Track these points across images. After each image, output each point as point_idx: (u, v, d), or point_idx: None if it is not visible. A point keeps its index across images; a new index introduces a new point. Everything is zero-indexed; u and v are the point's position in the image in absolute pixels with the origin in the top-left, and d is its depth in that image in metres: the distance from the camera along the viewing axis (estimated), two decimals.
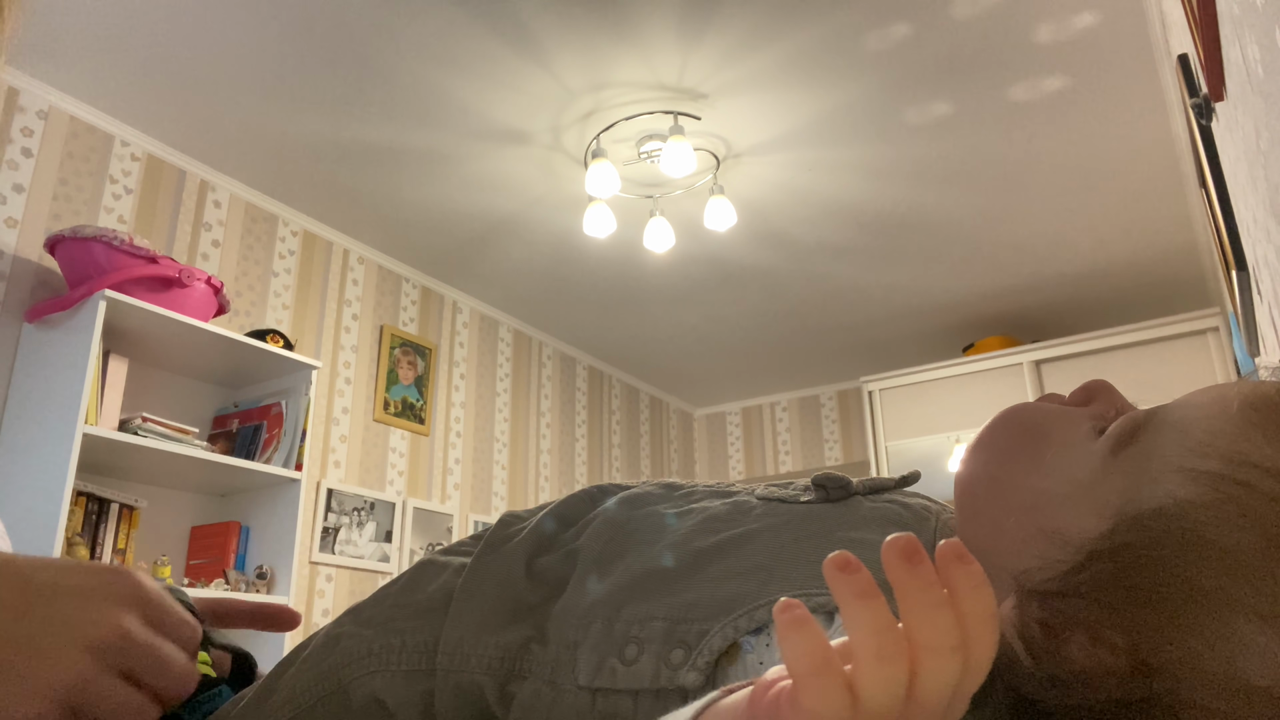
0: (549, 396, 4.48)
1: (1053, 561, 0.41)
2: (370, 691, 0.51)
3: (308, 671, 0.53)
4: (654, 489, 0.58)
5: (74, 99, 2.70)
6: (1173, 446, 0.41)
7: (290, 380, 2.90)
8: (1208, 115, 1.42)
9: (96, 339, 2.34)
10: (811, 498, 0.53)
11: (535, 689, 0.47)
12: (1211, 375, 3.69)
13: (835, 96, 2.77)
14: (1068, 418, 0.47)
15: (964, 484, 0.48)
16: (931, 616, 0.25)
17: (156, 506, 2.75)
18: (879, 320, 4.43)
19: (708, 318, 4.34)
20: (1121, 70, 2.68)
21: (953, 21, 2.46)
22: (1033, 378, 4.07)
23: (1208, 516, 0.38)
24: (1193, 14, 1.23)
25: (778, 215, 3.43)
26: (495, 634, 0.50)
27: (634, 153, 3.03)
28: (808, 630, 0.24)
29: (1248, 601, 0.36)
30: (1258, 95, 0.94)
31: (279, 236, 3.29)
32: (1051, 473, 0.44)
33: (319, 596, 3.13)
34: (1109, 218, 3.54)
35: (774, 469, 5.39)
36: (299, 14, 2.37)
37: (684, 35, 2.49)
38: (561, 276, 3.89)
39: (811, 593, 0.43)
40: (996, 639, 0.26)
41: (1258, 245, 1.25)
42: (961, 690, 0.26)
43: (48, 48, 2.48)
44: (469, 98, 2.72)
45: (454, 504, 3.77)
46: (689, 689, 0.43)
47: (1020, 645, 0.41)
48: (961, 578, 0.26)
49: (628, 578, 0.49)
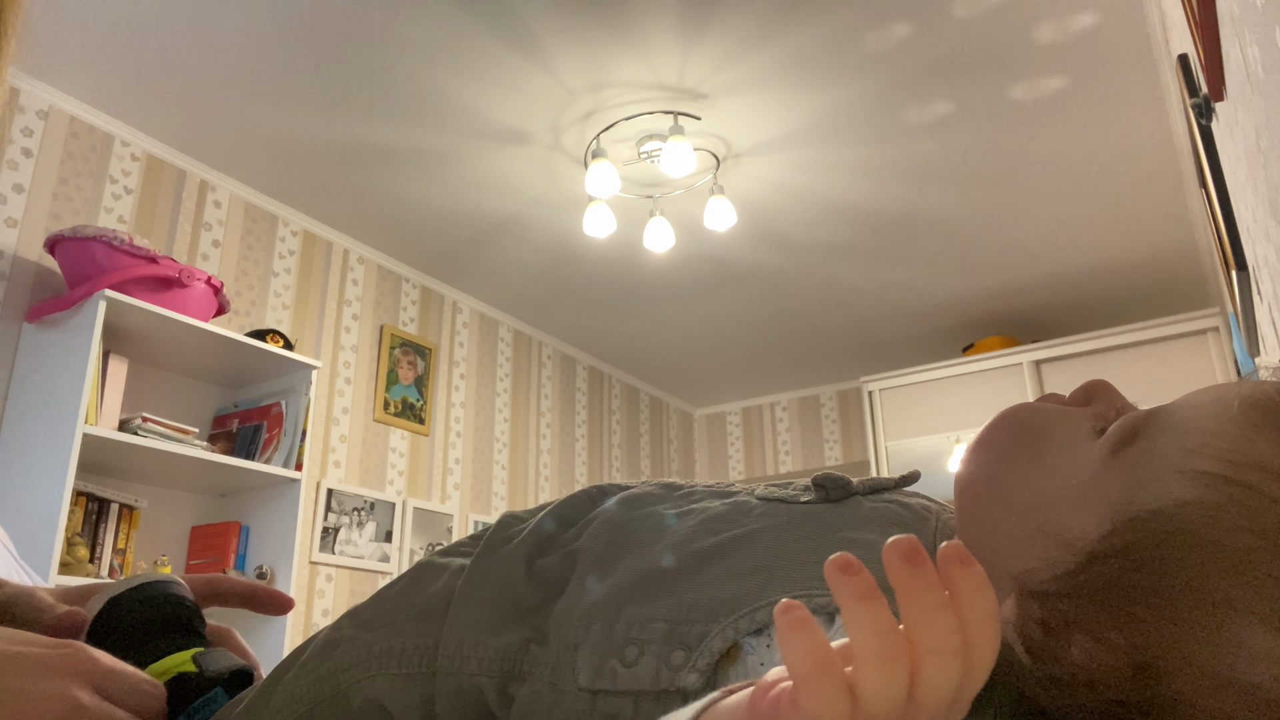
0: (549, 396, 4.48)
1: (1053, 562, 0.41)
2: (370, 695, 0.51)
3: (306, 675, 0.53)
4: (654, 489, 0.58)
5: (74, 99, 2.69)
6: (1173, 447, 0.41)
7: (290, 380, 2.90)
8: (1208, 115, 1.42)
9: (96, 339, 2.34)
10: (812, 498, 0.53)
11: (535, 690, 0.47)
12: (1211, 375, 3.69)
13: (835, 96, 2.77)
14: (1068, 418, 0.47)
15: (964, 484, 0.48)
16: (933, 618, 0.25)
17: (156, 506, 2.75)
18: (879, 320, 4.43)
19: (708, 318, 4.33)
20: (1121, 70, 2.68)
21: (953, 21, 2.46)
22: (1033, 378, 4.07)
23: (1208, 517, 0.38)
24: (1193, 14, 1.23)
25: (778, 215, 3.43)
26: (495, 636, 0.50)
27: (634, 153, 3.03)
28: (808, 632, 0.24)
29: (1249, 602, 0.36)
30: (1258, 95, 0.94)
31: (279, 236, 3.29)
32: (1052, 473, 0.44)
33: (319, 596, 3.13)
34: (1109, 218, 3.54)
35: (774, 469, 5.39)
36: (299, 14, 2.37)
37: (684, 35, 2.49)
38: (561, 276, 3.89)
39: (812, 594, 0.43)
40: (998, 641, 0.26)
41: (1258, 245, 1.25)
42: (963, 693, 0.26)
43: (48, 48, 2.48)
44: (469, 98, 2.72)
45: (454, 504, 3.77)
46: (689, 690, 0.43)
47: (1020, 646, 0.41)
48: (963, 580, 0.26)
49: (628, 579, 0.49)
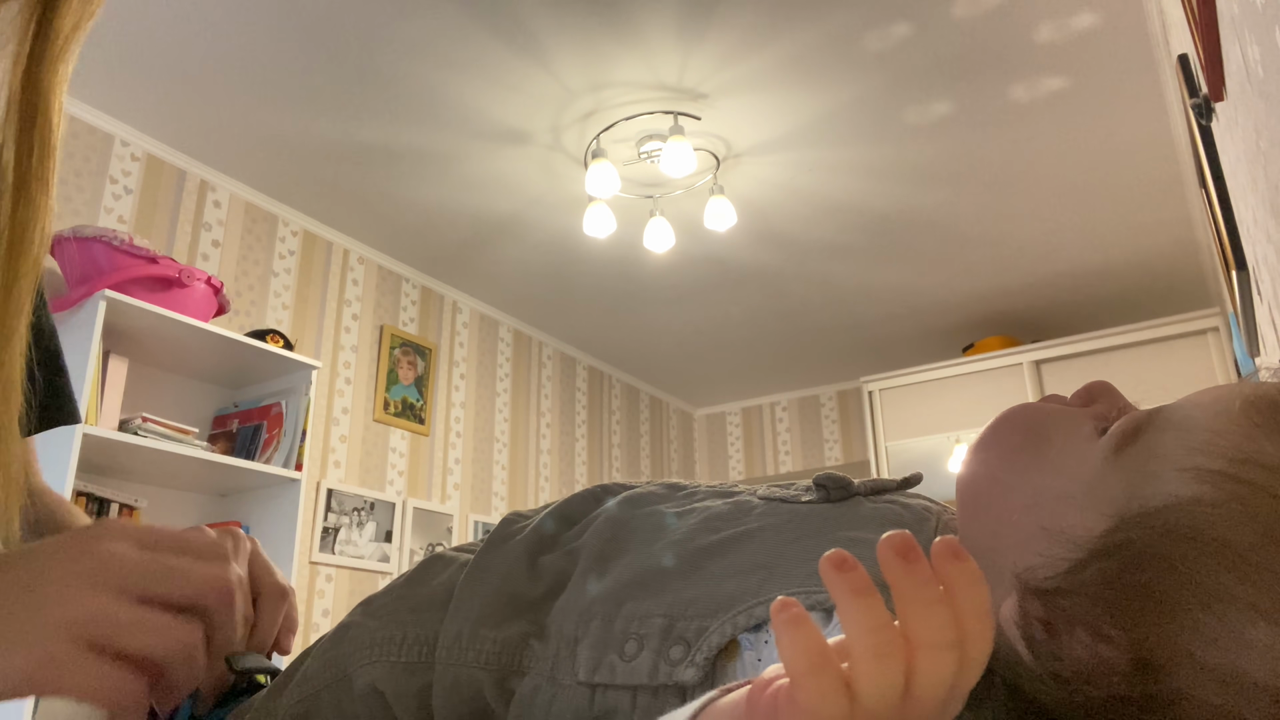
0: (549, 396, 4.49)
1: (1055, 559, 0.41)
2: (370, 681, 0.52)
3: (317, 659, 0.55)
4: (656, 489, 0.59)
5: (74, 99, 2.69)
6: (1175, 446, 0.41)
7: (290, 380, 2.90)
8: (1208, 115, 1.42)
9: (96, 339, 2.34)
10: (813, 498, 0.54)
11: (534, 684, 0.48)
12: (1211, 375, 3.69)
13: (835, 96, 2.77)
14: (1070, 418, 0.47)
15: (965, 484, 0.48)
16: (927, 613, 0.25)
17: (156, 506, 2.75)
18: (879, 320, 4.43)
19: (708, 318, 4.34)
20: (1121, 70, 2.68)
21: (953, 21, 2.46)
22: (1033, 378, 4.07)
23: (1210, 515, 0.38)
24: (1193, 14, 1.23)
25: (778, 215, 3.43)
26: (495, 629, 0.50)
27: (634, 153, 3.03)
28: (804, 628, 0.24)
29: (1250, 599, 0.36)
30: (1258, 95, 0.94)
31: (279, 236, 3.29)
32: (1054, 472, 0.44)
33: (319, 597, 3.13)
34: (1109, 217, 3.54)
35: (774, 469, 5.39)
36: (299, 14, 2.37)
37: (684, 35, 2.49)
38: (561, 276, 3.89)
39: (811, 591, 0.44)
40: (992, 635, 0.26)
41: (1258, 245, 1.25)
42: (958, 687, 0.26)
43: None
44: (469, 98, 2.72)
45: (454, 504, 3.77)
46: (687, 685, 0.43)
47: (1022, 643, 0.41)
48: (957, 574, 0.26)
49: (628, 575, 0.49)
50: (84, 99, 2.70)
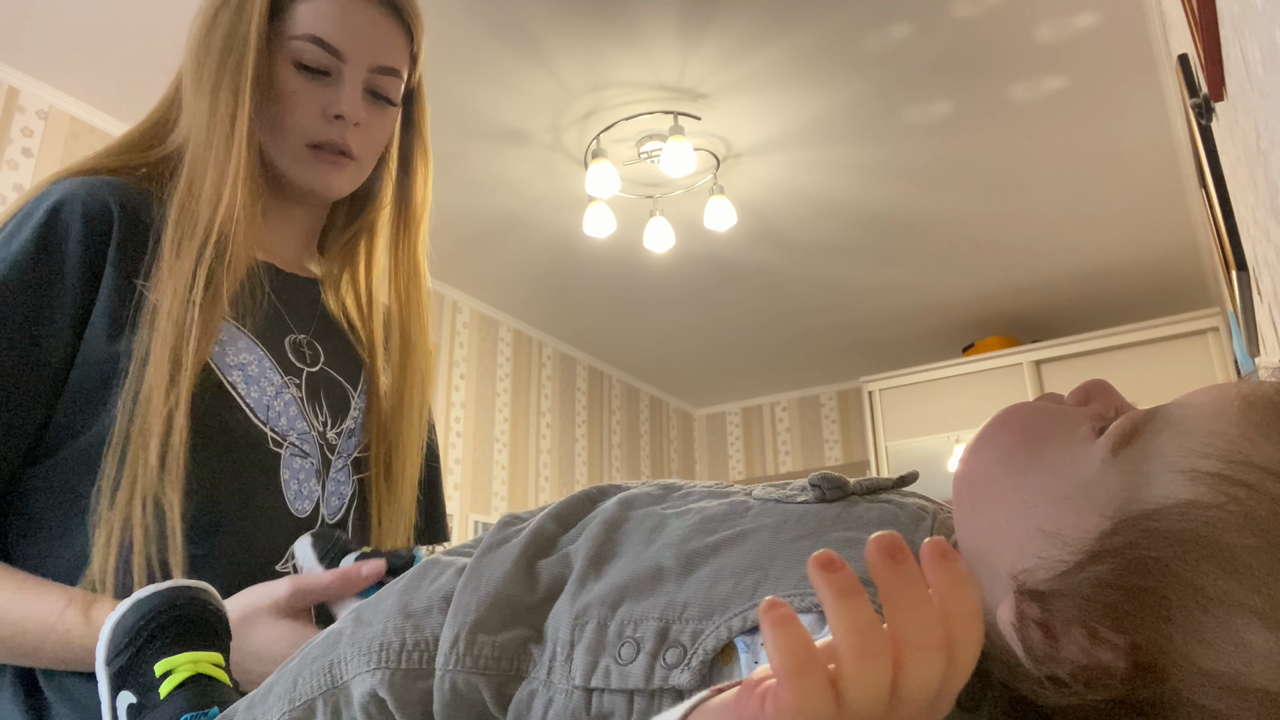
0: (549, 396, 4.48)
1: (1051, 561, 0.41)
2: (369, 689, 0.51)
3: (308, 666, 0.54)
4: (653, 490, 0.58)
5: (74, 99, 2.69)
6: (1173, 447, 0.41)
7: None
8: (1208, 115, 1.42)
9: None
10: (808, 498, 0.53)
11: (532, 689, 0.47)
12: (1211, 375, 3.69)
13: (835, 96, 2.76)
14: (1067, 418, 0.46)
15: (962, 483, 0.48)
16: (914, 614, 0.25)
17: None
18: (879, 320, 4.43)
19: (708, 318, 4.33)
20: (1121, 70, 2.68)
21: (953, 21, 2.46)
22: (1033, 378, 4.07)
23: (1208, 517, 0.37)
24: (1193, 14, 1.22)
25: (778, 215, 3.43)
26: (493, 634, 0.50)
27: (634, 153, 3.03)
28: (790, 628, 0.24)
29: (1248, 602, 0.36)
30: (1258, 95, 0.94)
31: None
32: (1051, 472, 0.44)
33: None
34: (1109, 218, 3.54)
35: (774, 469, 5.39)
36: None
37: (684, 35, 2.49)
38: (561, 276, 3.89)
39: (805, 592, 0.43)
40: (981, 637, 0.26)
41: (1258, 245, 1.25)
42: (946, 689, 0.26)
43: (48, 48, 2.48)
44: (469, 98, 2.72)
45: (454, 504, 3.77)
46: (683, 689, 0.43)
47: (1018, 646, 0.41)
48: (945, 575, 0.26)
49: (623, 578, 0.49)
50: (84, 99, 2.70)
